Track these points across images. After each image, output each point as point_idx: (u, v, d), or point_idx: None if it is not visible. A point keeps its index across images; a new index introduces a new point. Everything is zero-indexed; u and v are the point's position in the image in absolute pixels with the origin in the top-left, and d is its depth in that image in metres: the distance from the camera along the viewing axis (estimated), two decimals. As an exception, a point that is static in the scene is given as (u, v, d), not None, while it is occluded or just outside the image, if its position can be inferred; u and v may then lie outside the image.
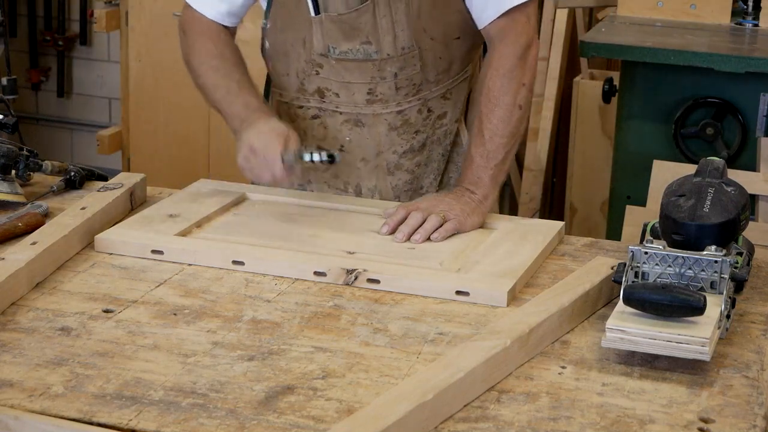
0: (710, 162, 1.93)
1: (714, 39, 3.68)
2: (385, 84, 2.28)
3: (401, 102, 2.31)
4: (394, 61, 2.26)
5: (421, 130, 2.34)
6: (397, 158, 2.35)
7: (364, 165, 2.36)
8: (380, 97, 2.30)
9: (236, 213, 2.21)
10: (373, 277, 1.91)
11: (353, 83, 2.29)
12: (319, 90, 2.33)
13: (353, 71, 2.28)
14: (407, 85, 2.29)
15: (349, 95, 2.31)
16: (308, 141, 2.36)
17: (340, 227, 2.15)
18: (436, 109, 2.34)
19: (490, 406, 1.56)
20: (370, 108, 2.31)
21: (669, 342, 1.64)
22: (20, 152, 2.27)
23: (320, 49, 2.28)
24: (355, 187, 2.38)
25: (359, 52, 2.26)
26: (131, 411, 1.51)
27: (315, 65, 2.30)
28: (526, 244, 2.04)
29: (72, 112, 5.66)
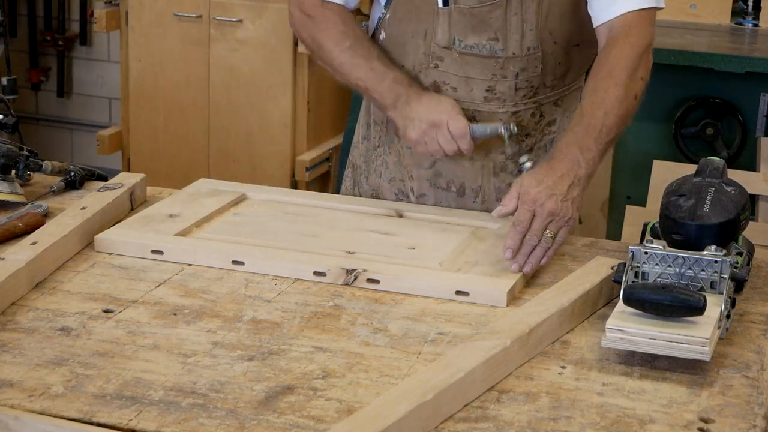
0: (710, 162, 1.93)
1: (714, 39, 3.68)
2: (505, 83, 2.26)
3: (518, 103, 2.29)
4: (518, 61, 2.25)
5: (531, 134, 2.32)
6: (504, 159, 2.32)
7: (471, 165, 2.32)
8: (498, 95, 2.28)
9: (236, 213, 2.21)
10: (373, 277, 1.91)
11: (473, 78, 2.27)
12: (435, 84, 2.30)
13: (475, 66, 2.26)
14: (526, 86, 2.27)
15: (467, 91, 2.28)
16: None
17: (340, 227, 2.15)
18: (547, 115, 2.32)
19: (490, 406, 1.56)
20: (487, 106, 2.28)
21: (669, 342, 1.64)
22: (20, 152, 2.27)
23: (443, 42, 2.26)
24: (458, 187, 2.34)
25: (485, 47, 2.24)
26: (131, 411, 1.51)
27: (435, 58, 2.28)
28: None
29: (72, 112, 5.66)
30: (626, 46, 2.16)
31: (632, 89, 2.14)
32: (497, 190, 2.33)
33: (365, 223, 2.17)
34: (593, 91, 2.13)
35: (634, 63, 2.15)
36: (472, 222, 2.18)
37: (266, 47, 4.43)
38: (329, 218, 2.19)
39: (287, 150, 4.53)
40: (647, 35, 2.20)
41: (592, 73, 2.17)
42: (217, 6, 4.52)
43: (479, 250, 2.03)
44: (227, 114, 4.55)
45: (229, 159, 4.60)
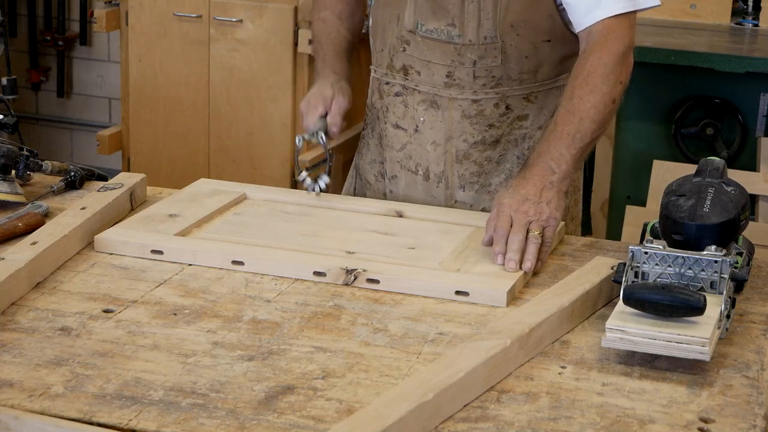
0: (710, 162, 1.93)
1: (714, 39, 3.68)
2: (463, 69, 2.30)
3: (478, 91, 2.32)
4: (475, 49, 2.28)
5: (496, 125, 2.34)
6: (467, 147, 2.35)
7: (433, 149, 2.36)
8: (457, 81, 2.32)
9: (236, 213, 2.21)
10: (373, 277, 1.91)
11: (434, 63, 2.32)
12: (404, 67, 2.37)
13: (435, 51, 2.31)
14: (486, 75, 2.30)
15: (429, 75, 2.33)
16: (389, 117, 2.41)
17: (340, 227, 2.15)
18: (515, 109, 2.33)
19: (490, 406, 1.56)
20: (447, 91, 2.33)
21: (669, 342, 1.64)
22: (20, 152, 2.27)
23: (410, 26, 2.33)
24: (424, 171, 2.39)
25: (443, 32, 2.29)
26: (131, 411, 1.51)
27: (403, 41, 2.35)
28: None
29: (72, 112, 5.66)
30: (603, 53, 2.18)
31: (609, 95, 2.16)
32: (460, 177, 2.36)
33: (365, 223, 2.17)
34: (569, 98, 2.16)
35: (612, 68, 2.17)
36: (472, 222, 2.18)
37: (266, 47, 4.43)
38: (329, 218, 2.19)
39: (287, 150, 4.53)
40: (626, 39, 2.22)
41: (570, 80, 2.20)
42: (217, 6, 4.52)
43: (479, 250, 2.03)
44: (227, 114, 4.55)
45: (229, 159, 4.60)
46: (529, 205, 2.04)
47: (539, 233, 2.01)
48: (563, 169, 2.10)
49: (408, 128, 2.39)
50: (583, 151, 2.14)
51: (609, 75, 2.16)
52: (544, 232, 2.02)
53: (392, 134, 2.41)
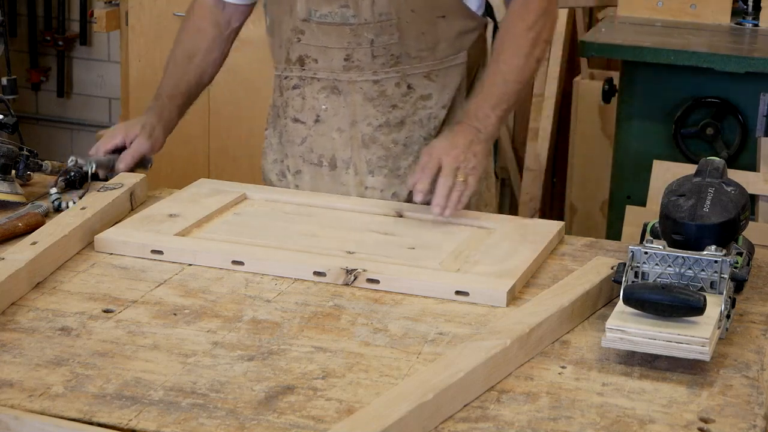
0: (710, 162, 1.93)
1: (714, 39, 3.68)
2: (361, 50, 2.31)
3: (378, 71, 2.33)
4: (371, 27, 2.29)
5: (399, 106, 2.35)
6: (372, 131, 2.36)
7: (339, 135, 2.38)
8: (357, 63, 2.32)
9: (236, 213, 2.21)
10: (373, 277, 1.91)
11: (331, 48, 2.33)
12: (300, 58, 2.37)
13: (331, 35, 2.32)
14: (384, 54, 2.31)
15: (327, 61, 2.34)
16: (288, 112, 2.42)
17: (340, 227, 2.15)
18: (418, 88, 2.35)
19: (490, 406, 1.56)
20: (347, 75, 2.34)
21: (669, 342, 1.64)
22: (20, 152, 2.27)
23: (303, 14, 2.33)
24: (329, 160, 2.39)
25: (337, 15, 2.30)
26: (131, 411, 1.51)
27: (297, 32, 2.35)
28: (526, 244, 2.05)
29: (72, 112, 5.66)
30: (525, 13, 2.27)
31: (533, 55, 2.27)
32: (368, 162, 2.38)
33: (365, 224, 2.17)
34: (495, 60, 2.27)
35: (534, 28, 2.27)
36: (472, 222, 2.18)
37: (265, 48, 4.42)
38: (329, 218, 2.19)
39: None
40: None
41: (496, 41, 2.30)
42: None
43: (479, 251, 2.03)
44: (227, 114, 4.55)
45: (229, 159, 4.60)
46: (459, 151, 2.15)
47: (464, 180, 2.12)
48: (489, 130, 2.23)
49: (307, 121, 2.40)
50: (507, 112, 2.27)
51: (531, 35, 2.26)
52: (468, 180, 2.12)
53: (292, 129, 2.42)
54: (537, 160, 4.46)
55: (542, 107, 4.47)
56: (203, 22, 2.53)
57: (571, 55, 4.56)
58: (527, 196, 4.45)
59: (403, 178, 2.36)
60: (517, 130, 4.73)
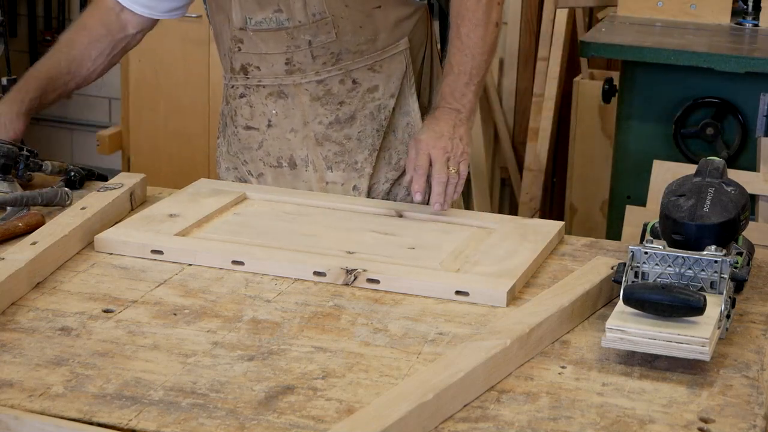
0: (710, 162, 1.93)
1: (714, 39, 3.68)
2: (300, 53, 2.31)
3: (320, 71, 2.32)
4: (307, 29, 2.29)
5: (346, 102, 2.35)
6: (324, 129, 2.36)
7: (293, 136, 2.38)
8: (298, 66, 2.32)
9: (236, 213, 2.21)
10: (373, 277, 1.91)
11: (270, 54, 2.32)
12: (243, 67, 2.37)
13: (269, 41, 2.31)
14: (324, 53, 2.31)
15: (268, 67, 2.34)
16: (238, 120, 2.42)
17: (340, 227, 2.15)
18: (363, 82, 2.35)
19: (490, 406, 1.56)
20: (290, 78, 2.33)
21: (669, 342, 1.64)
22: (20, 152, 2.27)
23: (239, 23, 2.32)
24: (288, 160, 2.39)
25: (272, 20, 2.30)
26: (131, 411, 1.51)
27: (237, 41, 2.35)
28: (526, 244, 2.05)
29: (72, 112, 5.66)
30: None
31: (491, 20, 2.27)
32: (325, 158, 2.38)
33: (365, 223, 2.17)
34: (457, 36, 2.27)
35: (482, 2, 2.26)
36: (472, 222, 2.18)
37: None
38: (329, 218, 2.19)
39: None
40: None
41: (452, 17, 2.29)
42: None
43: (479, 251, 2.03)
44: (227, 114, 4.55)
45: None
46: (445, 140, 2.17)
47: (456, 171, 2.15)
48: (468, 107, 2.24)
49: (259, 126, 2.39)
50: (480, 84, 2.28)
51: (485, 3, 2.26)
52: (459, 169, 2.15)
53: (245, 136, 2.41)
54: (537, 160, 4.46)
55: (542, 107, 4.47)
56: (91, 20, 2.49)
57: (571, 55, 4.56)
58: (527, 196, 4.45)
59: (361, 171, 2.37)
60: (517, 130, 4.73)
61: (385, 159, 2.40)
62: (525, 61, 4.68)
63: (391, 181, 2.40)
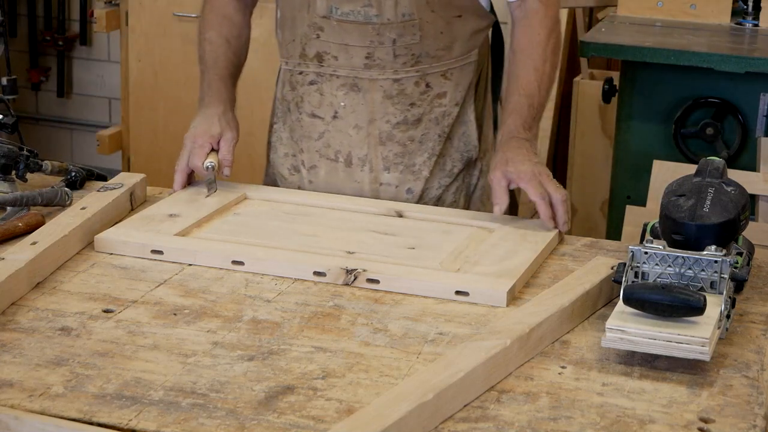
0: (710, 162, 1.93)
1: (714, 39, 3.68)
2: (383, 49, 2.32)
3: (398, 70, 2.34)
4: (393, 27, 2.30)
5: (417, 104, 2.36)
6: (390, 128, 2.37)
7: (356, 132, 2.38)
8: (378, 62, 2.33)
9: (236, 213, 2.21)
10: (373, 277, 1.91)
11: (352, 46, 2.33)
12: (318, 54, 2.38)
13: (353, 33, 2.32)
14: (405, 53, 2.33)
15: (347, 58, 2.35)
16: (304, 107, 2.42)
17: (340, 227, 2.15)
18: (435, 86, 2.37)
19: (490, 406, 1.56)
20: (368, 73, 2.34)
21: (669, 342, 1.64)
22: (20, 152, 2.27)
23: (323, 11, 2.33)
24: (345, 156, 2.40)
25: (360, 14, 2.31)
26: (131, 411, 1.51)
27: (316, 28, 2.35)
28: (526, 245, 2.05)
29: (72, 112, 5.66)
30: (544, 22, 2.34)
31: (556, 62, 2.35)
32: (384, 159, 2.39)
33: (365, 224, 2.17)
34: (533, 69, 2.32)
35: (555, 30, 2.33)
36: (472, 222, 2.18)
37: (266, 47, 4.42)
38: (329, 218, 2.19)
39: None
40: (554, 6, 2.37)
41: (511, 57, 2.34)
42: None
43: (479, 251, 2.03)
44: (227, 114, 4.54)
45: (229, 159, 4.59)
46: (540, 166, 2.20)
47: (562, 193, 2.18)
48: (535, 139, 2.30)
49: (325, 116, 2.40)
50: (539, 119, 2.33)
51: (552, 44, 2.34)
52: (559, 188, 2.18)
53: (308, 123, 2.42)
54: (537, 160, 4.45)
55: (542, 107, 4.46)
56: (228, 8, 2.50)
57: (571, 55, 4.55)
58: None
59: (417, 174, 2.38)
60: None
61: (440, 165, 2.41)
62: (525, 61, 4.67)
63: (443, 188, 2.41)
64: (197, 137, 2.32)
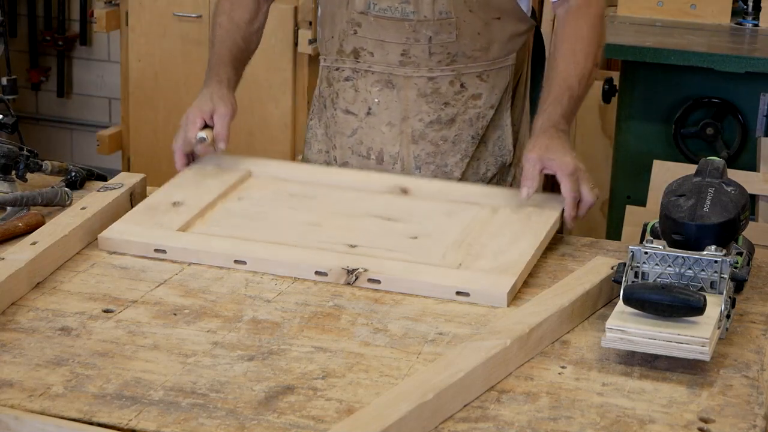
0: (710, 162, 1.93)
1: (714, 39, 3.68)
2: (418, 47, 2.33)
3: (433, 68, 2.35)
4: (430, 25, 2.31)
5: (451, 104, 2.37)
6: (423, 127, 2.37)
7: (389, 130, 2.39)
8: (413, 59, 2.34)
9: (240, 197, 2.19)
10: (374, 277, 1.90)
11: (388, 42, 2.34)
12: (355, 50, 2.38)
13: (389, 29, 2.33)
14: (441, 52, 2.33)
15: (383, 54, 2.35)
16: (339, 103, 2.43)
17: (343, 213, 2.12)
18: (470, 87, 2.37)
19: (490, 406, 1.56)
20: (402, 70, 2.35)
21: (669, 342, 1.64)
22: (20, 152, 2.26)
23: (361, 7, 2.35)
24: (377, 154, 2.40)
25: (397, 10, 2.32)
26: (131, 411, 1.51)
27: (354, 24, 2.36)
28: (529, 229, 2.02)
29: (72, 112, 5.66)
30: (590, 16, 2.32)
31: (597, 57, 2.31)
32: (416, 158, 2.39)
33: (369, 207, 2.14)
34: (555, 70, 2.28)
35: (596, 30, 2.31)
36: (478, 199, 2.16)
37: (266, 47, 4.42)
38: (333, 201, 2.17)
39: (287, 150, 4.53)
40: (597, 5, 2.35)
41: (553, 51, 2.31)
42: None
43: (482, 239, 2.01)
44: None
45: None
46: (580, 163, 2.14)
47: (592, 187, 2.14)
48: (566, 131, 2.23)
49: (359, 113, 2.40)
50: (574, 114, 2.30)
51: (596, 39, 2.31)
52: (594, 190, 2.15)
53: (342, 120, 2.43)
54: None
55: (542, 107, 4.46)
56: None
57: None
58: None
59: (449, 175, 2.38)
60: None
61: (473, 168, 2.41)
62: (525, 61, 4.67)
63: None
64: (189, 114, 2.34)
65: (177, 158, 2.33)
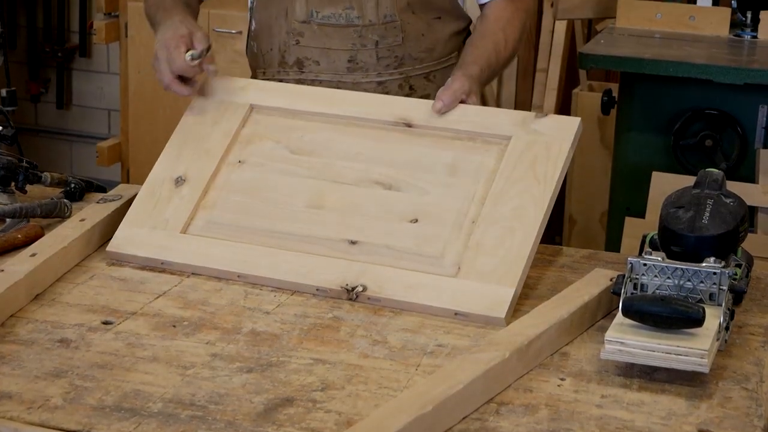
0: (709, 173, 1.93)
1: (713, 51, 3.68)
2: (366, 52, 2.34)
3: (382, 73, 2.36)
4: (376, 29, 2.33)
5: None
6: None
7: None
8: (361, 65, 2.35)
9: (240, 160, 2.13)
10: (372, 296, 1.89)
11: (334, 50, 2.35)
12: (299, 61, 2.38)
13: (334, 37, 2.34)
14: (389, 56, 2.35)
15: (329, 63, 2.36)
16: None
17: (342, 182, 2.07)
18: (418, 89, 2.39)
19: (489, 418, 1.56)
20: (351, 76, 2.36)
21: (668, 354, 1.64)
22: (20, 164, 2.27)
23: (302, 16, 2.34)
24: None
25: (341, 17, 2.33)
26: (130, 423, 1.51)
27: (295, 34, 2.36)
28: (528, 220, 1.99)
29: (71, 123, 5.67)
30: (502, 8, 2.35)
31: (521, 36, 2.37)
32: None
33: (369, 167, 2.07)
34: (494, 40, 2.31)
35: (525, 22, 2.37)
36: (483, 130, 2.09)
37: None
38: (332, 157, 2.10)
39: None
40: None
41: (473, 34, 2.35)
42: (216, 18, 4.52)
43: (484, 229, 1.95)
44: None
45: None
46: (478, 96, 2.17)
47: None
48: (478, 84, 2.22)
49: None
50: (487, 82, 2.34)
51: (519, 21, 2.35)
52: None
53: None
54: (536, 172, 4.45)
55: (541, 119, 4.46)
56: None
57: (569, 67, 4.56)
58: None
59: None
60: None
61: None
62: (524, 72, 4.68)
63: None
64: (167, 42, 2.15)
65: (175, 88, 2.18)
